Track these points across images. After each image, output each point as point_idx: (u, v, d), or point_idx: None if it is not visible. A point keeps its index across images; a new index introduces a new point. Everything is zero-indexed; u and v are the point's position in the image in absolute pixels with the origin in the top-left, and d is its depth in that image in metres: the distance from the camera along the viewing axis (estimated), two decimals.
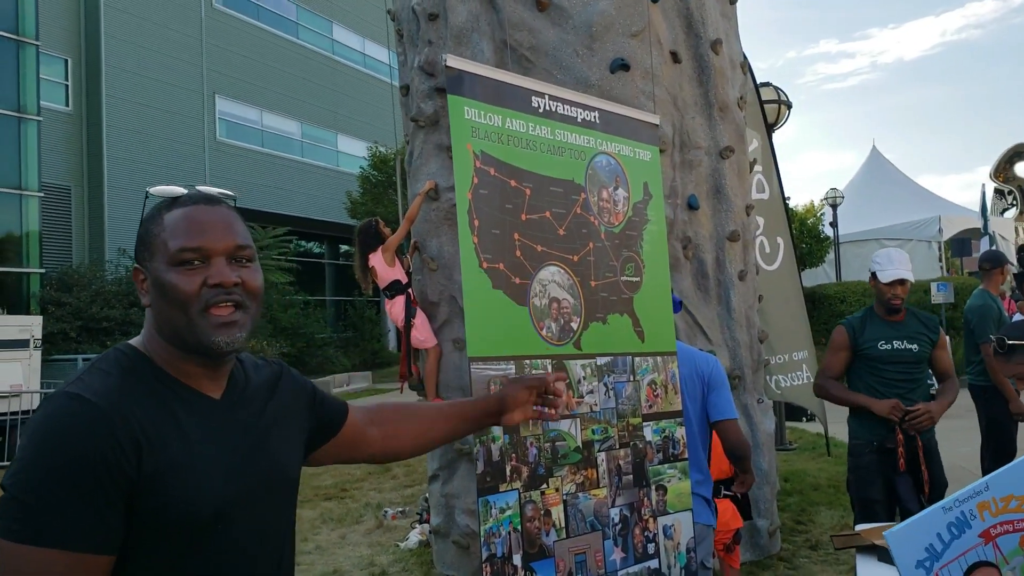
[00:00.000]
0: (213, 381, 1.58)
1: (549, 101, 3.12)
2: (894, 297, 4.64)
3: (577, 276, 3.12)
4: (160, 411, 1.47)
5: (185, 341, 1.52)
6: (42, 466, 1.34)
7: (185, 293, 1.49)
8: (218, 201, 1.61)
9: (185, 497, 1.42)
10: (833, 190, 23.29)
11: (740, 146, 6.76)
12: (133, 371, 1.50)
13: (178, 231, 1.53)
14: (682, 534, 3.36)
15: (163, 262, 1.52)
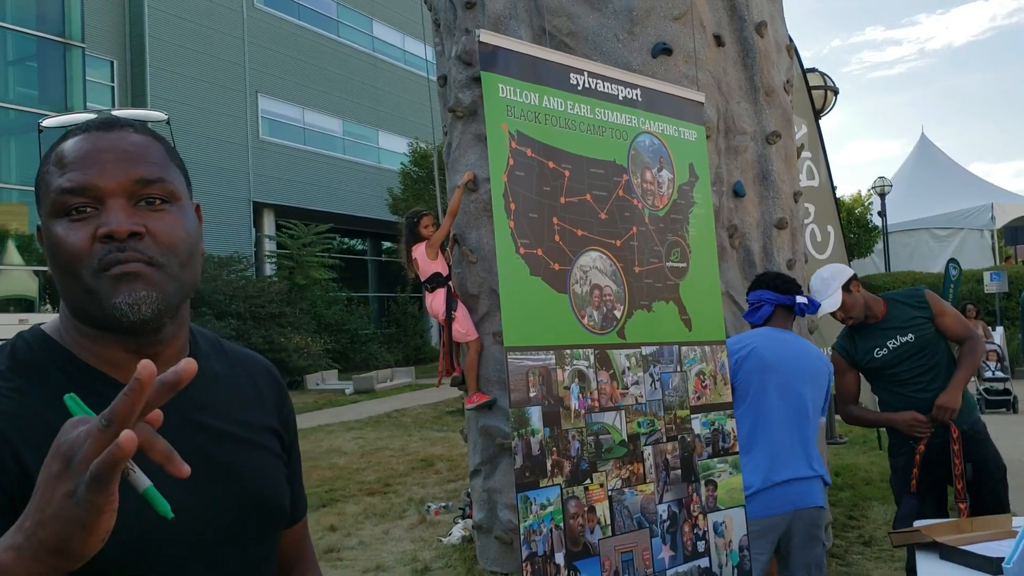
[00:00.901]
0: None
1: (588, 78, 2.98)
2: (844, 320, 4.42)
3: (620, 262, 2.98)
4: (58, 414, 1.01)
5: (87, 313, 1.13)
6: None
7: (70, 250, 1.10)
8: (120, 124, 1.18)
9: None
10: (881, 179, 22.81)
11: (787, 131, 6.56)
12: (32, 365, 1.14)
13: (57, 169, 1.14)
14: (734, 531, 3.21)
15: (48, 213, 1.14)
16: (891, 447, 4.57)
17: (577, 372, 2.78)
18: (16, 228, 19.00)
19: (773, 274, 3.94)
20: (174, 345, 1.21)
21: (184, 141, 24.81)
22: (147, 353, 1.16)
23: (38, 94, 19.39)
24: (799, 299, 3.80)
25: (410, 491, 9.24)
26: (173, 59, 24.77)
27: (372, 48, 32.37)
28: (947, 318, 4.38)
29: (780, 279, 3.85)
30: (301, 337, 21.93)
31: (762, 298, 3.80)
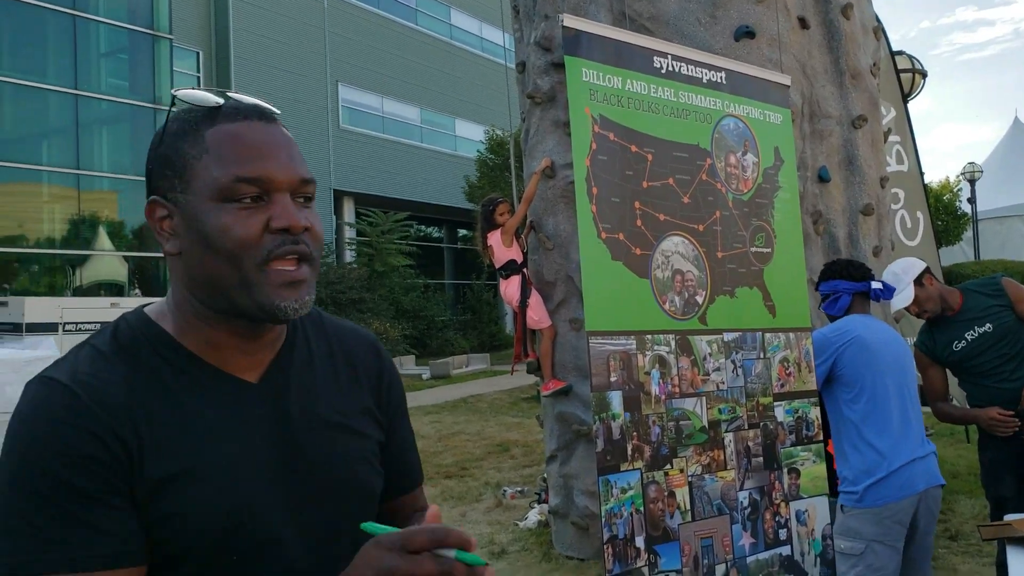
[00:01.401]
0: (251, 358, 1.20)
1: (672, 61, 2.96)
2: (919, 315, 4.25)
3: (703, 247, 2.95)
4: (164, 400, 1.12)
5: (234, 303, 1.14)
6: (10, 474, 1.04)
7: (241, 239, 1.10)
8: (275, 117, 1.19)
9: (185, 512, 1.08)
10: (971, 164, 22.02)
11: (874, 115, 6.39)
12: (134, 349, 1.15)
13: (229, 154, 1.12)
14: (817, 520, 3.16)
15: (207, 196, 1.11)
16: (980, 441, 4.43)
17: (658, 357, 2.77)
18: (107, 215, 19.68)
19: (844, 262, 3.80)
20: (276, 330, 1.23)
21: None
22: (255, 336, 1.19)
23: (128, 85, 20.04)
24: (874, 284, 3.70)
25: (486, 475, 9.32)
26: (256, 49, 25.30)
27: (450, 36, 32.53)
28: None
29: (851, 266, 3.74)
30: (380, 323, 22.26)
31: (838, 288, 3.69)
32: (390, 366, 1.42)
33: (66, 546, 1.01)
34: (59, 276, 18.93)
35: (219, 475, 1.11)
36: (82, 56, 19.12)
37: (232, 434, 1.15)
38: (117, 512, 1.04)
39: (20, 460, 1.03)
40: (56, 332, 12.62)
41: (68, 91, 18.70)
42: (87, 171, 19.13)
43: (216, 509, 1.09)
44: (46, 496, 1.01)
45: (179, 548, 1.08)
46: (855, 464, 3.37)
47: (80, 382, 1.08)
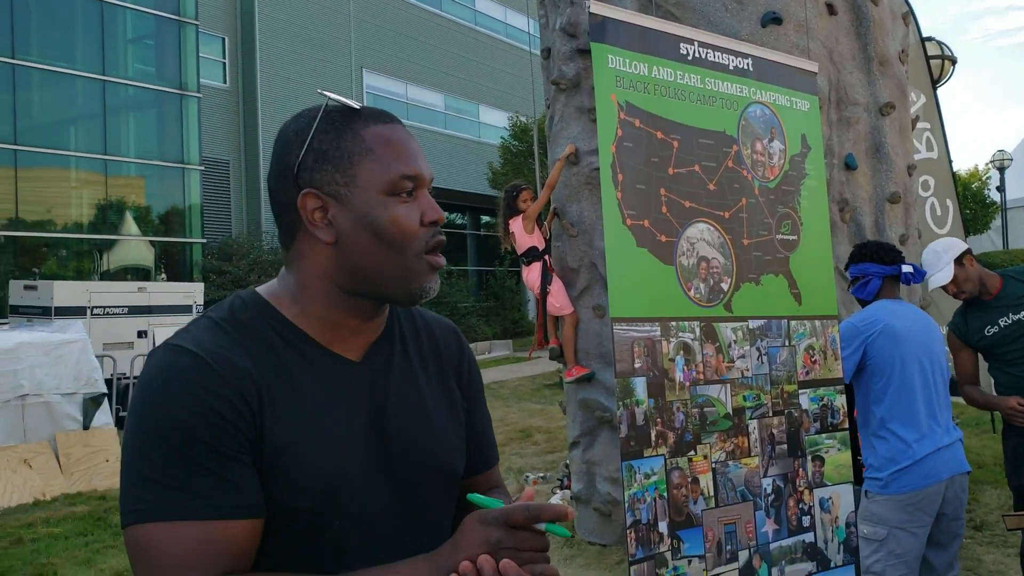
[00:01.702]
0: (359, 338, 1.30)
1: (699, 48, 2.95)
2: (956, 295, 4.20)
3: (728, 234, 2.95)
4: (277, 372, 1.21)
5: (384, 288, 1.25)
6: (143, 432, 1.13)
7: (407, 229, 1.23)
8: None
9: (293, 478, 1.18)
10: (1001, 152, 21.75)
11: (902, 102, 6.33)
12: (250, 324, 1.24)
13: (390, 153, 1.24)
14: (841, 508, 3.16)
15: (376, 190, 1.23)
16: (1004, 430, 4.40)
17: (682, 344, 2.78)
18: (134, 200, 19.86)
19: (874, 244, 3.76)
20: (383, 315, 1.35)
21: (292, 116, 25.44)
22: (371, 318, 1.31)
23: (155, 70, 20.16)
24: (904, 268, 3.67)
25: (509, 460, 9.36)
26: (281, 35, 25.36)
27: (474, 22, 32.45)
28: None
29: (881, 249, 3.71)
30: None
31: (867, 271, 3.65)
32: (469, 352, 1.53)
33: (198, 495, 1.11)
34: (86, 261, 19.13)
35: (323, 448, 1.21)
36: (109, 42, 19.26)
37: (335, 409, 1.25)
38: (244, 468, 1.15)
39: (158, 417, 1.13)
40: (84, 316, 12.77)
41: (95, 77, 18.85)
42: (114, 156, 19.29)
43: (319, 479, 1.20)
44: (182, 450, 1.11)
45: (283, 513, 1.18)
46: (880, 452, 3.36)
47: (207, 351, 1.18)
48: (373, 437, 1.27)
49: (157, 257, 20.12)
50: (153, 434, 1.13)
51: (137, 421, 1.15)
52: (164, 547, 1.09)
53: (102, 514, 7.70)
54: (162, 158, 19.97)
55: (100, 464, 8.96)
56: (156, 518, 1.10)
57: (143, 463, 1.12)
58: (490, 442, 1.54)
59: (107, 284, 15.66)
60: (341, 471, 1.22)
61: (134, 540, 1.11)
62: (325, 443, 1.22)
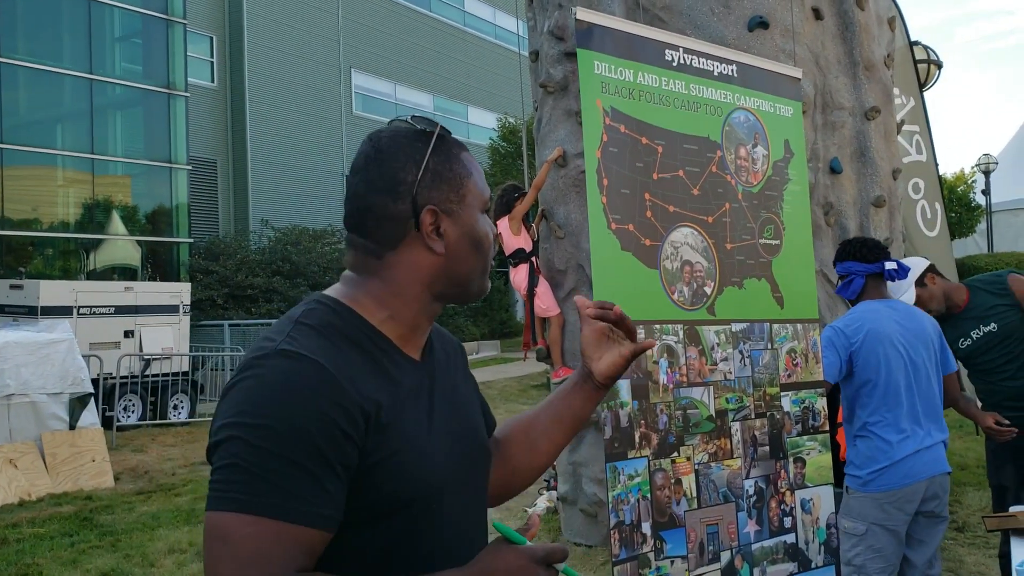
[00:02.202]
0: (421, 339, 1.42)
1: (683, 54, 2.98)
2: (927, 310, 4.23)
3: (712, 238, 2.98)
4: (377, 375, 1.30)
5: (468, 289, 1.43)
6: (268, 432, 1.18)
7: (489, 240, 1.44)
8: None
9: (403, 474, 1.28)
10: (986, 155, 21.89)
11: (887, 107, 6.39)
12: (343, 328, 1.32)
13: (480, 177, 1.44)
14: (822, 509, 3.20)
15: (477, 207, 1.42)
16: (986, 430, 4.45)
17: (666, 347, 2.81)
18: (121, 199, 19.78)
19: (858, 241, 3.73)
20: None
21: (280, 116, 25.39)
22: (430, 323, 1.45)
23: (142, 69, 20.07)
24: (888, 265, 3.67)
25: None
26: (270, 35, 25.32)
27: (463, 23, 32.47)
28: None
29: (864, 247, 3.67)
30: None
31: (850, 270, 3.64)
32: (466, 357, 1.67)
33: (297, 499, 1.17)
34: (73, 260, 19.06)
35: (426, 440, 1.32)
36: (96, 40, 19.18)
37: (422, 404, 1.36)
38: (339, 482, 1.22)
39: (283, 421, 1.18)
40: (71, 315, 12.73)
41: (83, 75, 18.78)
42: (101, 155, 19.22)
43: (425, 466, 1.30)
44: (296, 456, 1.18)
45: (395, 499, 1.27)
46: (862, 450, 3.41)
47: (329, 361, 1.24)
48: (450, 429, 1.40)
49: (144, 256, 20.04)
50: (271, 434, 1.18)
51: (260, 418, 1.19)
52: (248, 538, 1.15)
53: (88, 514, 7.68)
54: (149, 157, 19.90)
55: (86, 464, 8.94)
56: (249, 510, 1.15)
57: (253, 459, 1.17)
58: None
59: (94, 284, 15.60)
60: (439, 470, 1.33)
61: (220, 525, 1.16)
62: (427, 440, 1.33)
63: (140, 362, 13.14)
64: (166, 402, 13.19)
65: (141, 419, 12.81)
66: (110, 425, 11.43)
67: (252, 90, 24.80)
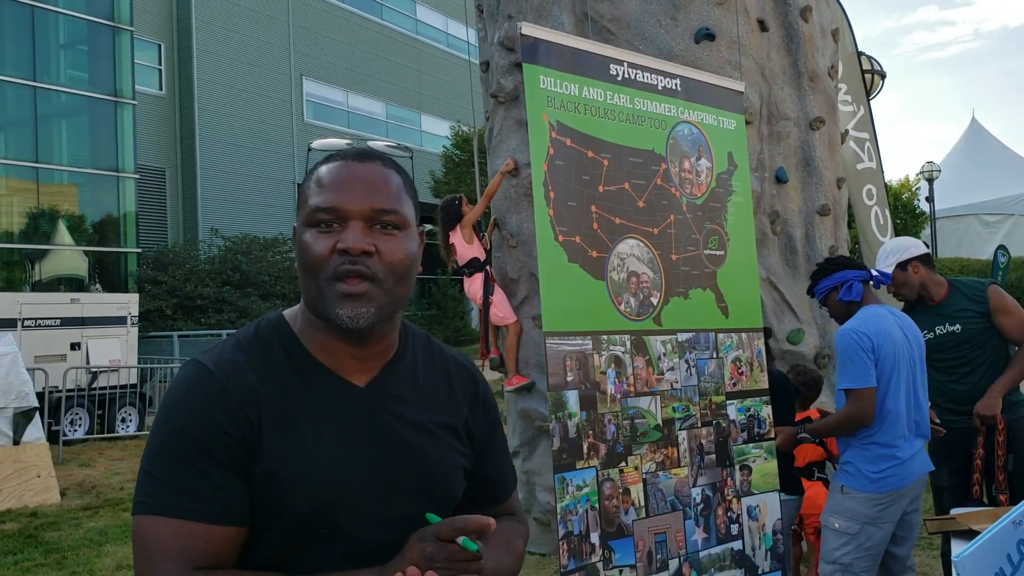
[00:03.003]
0: (361, 363, 1.41)
1: (628, 69, 3.03)
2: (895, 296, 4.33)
3: (657, 249, 3.03)
4: (284, 393, 1.35)
5: (315, 309, 1.37)
6: (158, 434, 1.31)
7: (314, 256, 1.34)
8: (373, 157, 1.42)
9: (284, 485, 1.31)
10: (929, 163, 22.39)
11: (831, 117, 6.52)
12: (267, 345, 1.39)
13: (315, 188, 1.37)
14: (768, 515, 3.26)
15: (302, 221, 1.38)
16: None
17: (613, 357, 2.84)
18: (67, 209, 19.41)
19: (839, 257, 3.85)
20: (383, 343, 1.43)
21: (230, 124, 25.12)
22: (359, 346, 1.40)
23: (88, 76, 19.72)
24: (874, 272, 3.81)
25: None
26: (219, 43, 25.05)
27: (415, 31, 32.44)
28: (1008, 318, 4.21)
29: (849, 260, 3.81)
30: None
31: (848, 277, 3.70)
32: (485, 387, 1.61)
33: (190, 497, 1.26)
34: (17, 271, 18.64)
35: (319, 458, 1.33)
36: (41, 47, 18.81)
37: (334, 426, 1.36)
38: (234, 479, 1.29)
39: (170, 424, 1.30)
40: (15, 328, 12.46)
41: (27, 83, 18.40)
42: (46, 164, 18.84)
43: (311, 487, 1.31)
44: (186, 456, 1.27)
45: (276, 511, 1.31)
46: (862, 453, 3.47)
47: (221, 367, 1.34)
48: (372, 456, 1.38)
49: (91, 267, 19.68)
50: (165, 438, 1.30)
51: (156, 425, 1.32)
52: (154, 538, 1.25)
53: (33, 531, 7.51)
54: (96, 166, 19.55)
55: (31, 480, 8.74)
56: (153, 511, 1.26)
57: (153, 463, 1.29)
58: (506, 474, 1.64)
59: (39, 295, 15.29)
60: (332, 486, 1.33)
61: (136, 528, 1.28)
62: (318, 459, 1.33)
63: (87, 375, 12.90)
64: (114, 415, 12.96)
65: (88, 433, 12.58)
66: (56, 439, 11.20)
67: (201, 98, 24.51)
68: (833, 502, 3.50)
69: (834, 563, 3.40)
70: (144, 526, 1.26)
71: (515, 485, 1.66)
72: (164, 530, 1.25)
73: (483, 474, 1.56)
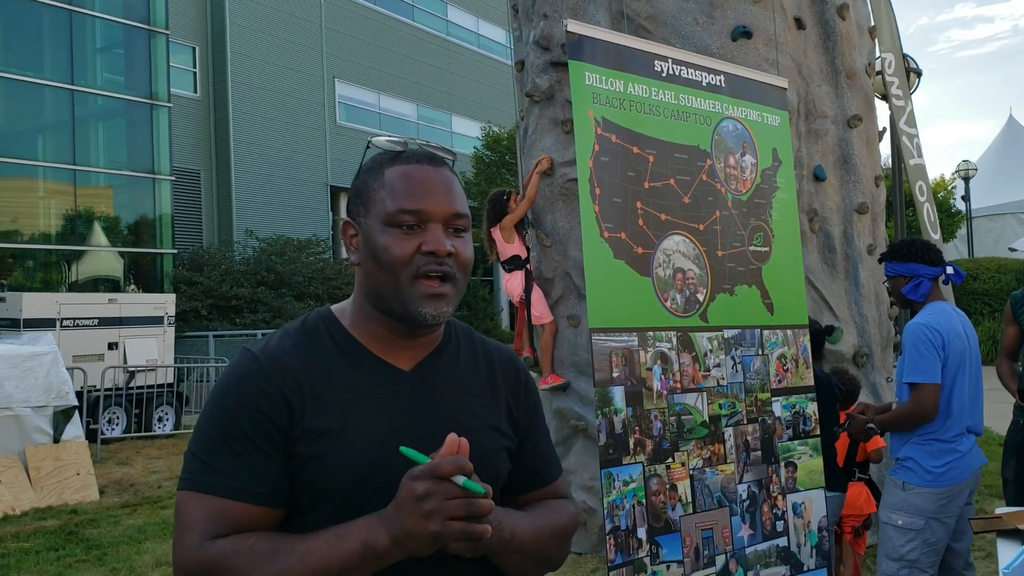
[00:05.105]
0: (407, 351, 1.48)
1: (672, 65, 3.03)
2: None
3: (703, 246, 3.02)
4: (328, 375, 1.41)
5: (390, 307, 1.43)
6: (205, 418, 1.38)
7: (397, 257, 1.39)
8: (442, 162, 1.50)
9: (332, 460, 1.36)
10: (965, 162, 22.15)
11: (868, 114, 6.47)
12: (315, 334, 1.46)
13: (399, 190, 1.42)
14: (813, 512, 3.24)
15: (379, 220, 1.42)
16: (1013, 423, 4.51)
17: (659, 354, 2.84)
18: (103, 210, 19.67)
19: (923, 244, 3.67)
20: (432, 335, 1.51)
21: (263, 126, 25.35)
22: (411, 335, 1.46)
23: (124, 80, 19.98)
24: (948, 270, 3.67)
25: None
26: (253, 45, 25.28)
27: (446, 32, 32.53)
28: None
29: (931, 250, 3.65)
30: None
31: (918, 272, 3.58)
32: (527, 377, 1.66)
33: (224, 475, 1.33)
34: (54, 272, 18.92)
35: (362, 434, 1.38)
36: (78, 51, 19.09)
37: (380, 406, 1.42)
38: (272, 461, 1.35)
39: (216, 406, 1.38)
40: (54, 328, 12.64)
41: (64, 86, 18.68)
42: (83, 166, 19.11)
43: (356, 459, 1.37)
44: (224, 436, 1.35)
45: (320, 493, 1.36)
46: (923, 449, 3.45)
47: (266, 353, 1.41)
48: (415, 435, 1.41)
49: (127, 268, 19.94)
50: (209, 420, 1.38)
51: (204, 409, 1.40)
52: (187, 512, 1.33)
53: (73, 528, 7.63)
54: (132, 168, 19.80)
55: (71, 478, 8.87)
56: (190, 488, 1.34)
57: (198, 444, 1.37)
58: (550, 458, 1.66)
59: (77, 295, 15.49)
60: (378, 459, 1.37)
61: (177, 502, 1.36)
62: (363, 432, 1.39)
63: (124, 374, 13.06)
64: (151, 414, 13.10)
65: (126, 432, 12.73)
66: (94, 438, 11.34)
67: (235, 100, 24.74)
68: (894, 499, 3.46)
69: (900, 560, 3.37)
70: (182, 500, 1.34)
71: (560, 470, 1.68)
72: (197, 504, 1.32)
73: (527, 457, 1.59)
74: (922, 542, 3.41)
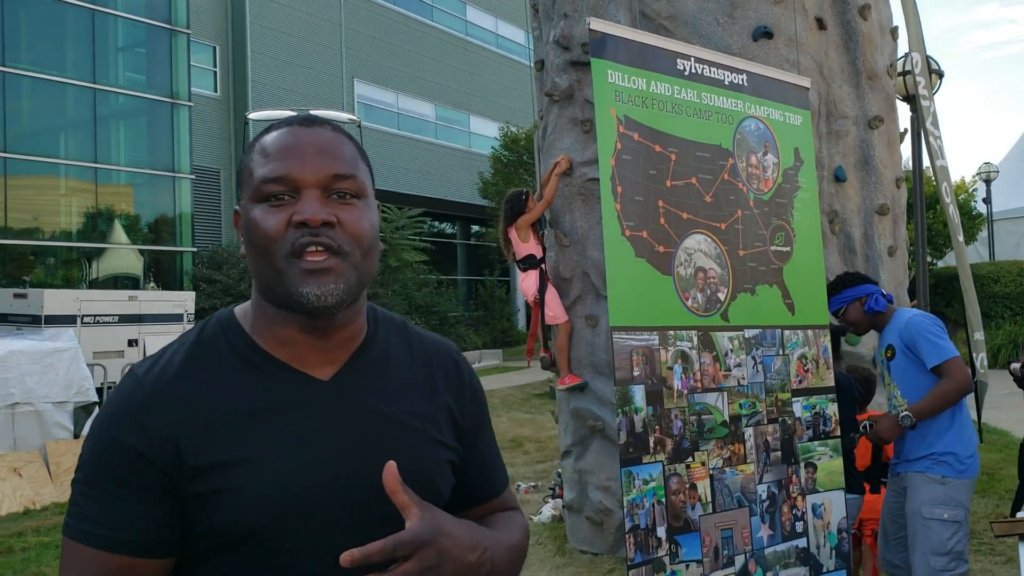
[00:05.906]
0: (322, 354, 1.25)
1: (695, 64, 3.02)
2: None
3: (724, 245, 3.02)
4: (226, 395, 1.20)
5: (276, 295, 1.20)
6: (84, 453, 1.19)
7: (266, 233, 1.18)
8: (319, 122, 1.26)
9: (230, 499, 1.16)
10: (987, 164, 21.96)
11: (890, 116, 6.43)
12: (211, 346, 1.24)
13: (260, 159, 1.21)
14: (832, 513, 3.23)
15: (249, 198, 1.21)
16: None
17: (680, 353, 2.83)
18: (123, 209, 19.81)
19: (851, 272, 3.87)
20: (348, 329, 1.28)
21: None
22: (321, 334, 1.24)
23: (145, 79, 20.12)
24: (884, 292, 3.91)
25: None
26: (273, 45, 25.41)
27: (465, 33, 32.58)
28: None
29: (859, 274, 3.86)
30: None
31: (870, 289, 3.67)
32: (470, 375, 1.45)
33: (98, 524, 1.15)
34: (75, 269, 19.07)
35: (270, 462, 1.17)
36: (100, 50, 19.24)
37: (294, 426, 1.20)
38: (151, 507, 1.16)
39: (93, 442, 1.18)
40: (75, 324, 12.74)
41: (86, 85, 18.83)
42: (104, 165, 19.26)
43: (265, 493, 1.16)
44: (98, 481, 1.16)
45: (233, 530, 1.15)
46: (961, 437, 3.47)
47: (150, 377, 1.20)
48: (339, 456, 1.22)
49: (147, 266, 20.07)
50: (87, 457, 1.19)
51: (85, 439, 1.21)
52: (68, 560, 1.16)
53: None
54: (152, 167, 19.95)
55: None
56: (68, 534, 1.17)
57: (77, 481, 1.18)
58: (495, 471, 1.48)
59: (98, 292, 15.61)
60: (292, 490, 1.18)
61: (62, 544, 1.19)
62: (273, 461, 1.18)
63: None
64: None
65: None
66: None
67: (255, 100, 24.88)
68: (935, 494, 3.45)
69: (948, 553, 3.36)
70: (64, 548, 1.18)
71: (507, 480, 1.50)
72: (79, 554, 1.15)
73: (474, 468, 1.40)
74: (964, 533, 3.43)
